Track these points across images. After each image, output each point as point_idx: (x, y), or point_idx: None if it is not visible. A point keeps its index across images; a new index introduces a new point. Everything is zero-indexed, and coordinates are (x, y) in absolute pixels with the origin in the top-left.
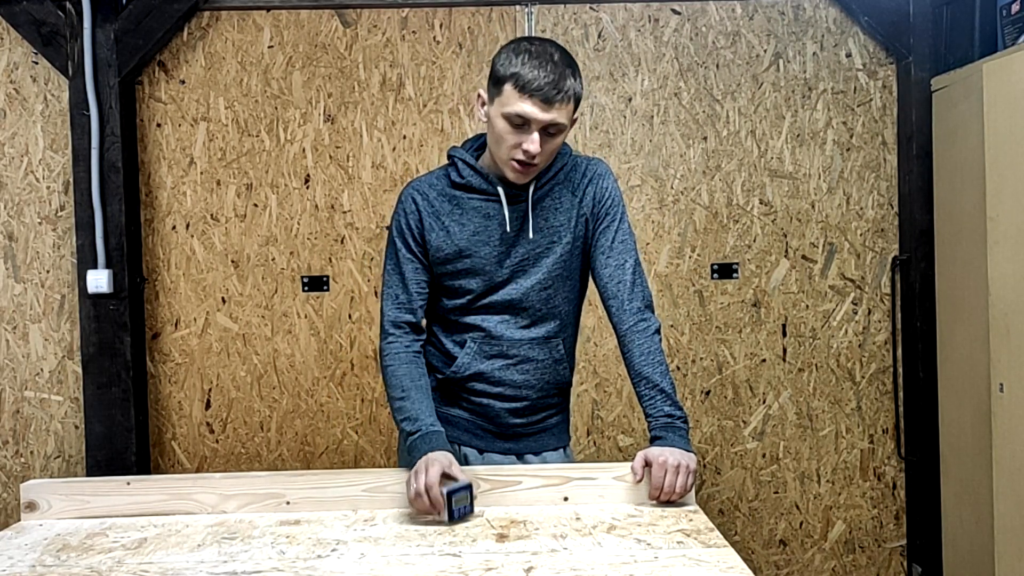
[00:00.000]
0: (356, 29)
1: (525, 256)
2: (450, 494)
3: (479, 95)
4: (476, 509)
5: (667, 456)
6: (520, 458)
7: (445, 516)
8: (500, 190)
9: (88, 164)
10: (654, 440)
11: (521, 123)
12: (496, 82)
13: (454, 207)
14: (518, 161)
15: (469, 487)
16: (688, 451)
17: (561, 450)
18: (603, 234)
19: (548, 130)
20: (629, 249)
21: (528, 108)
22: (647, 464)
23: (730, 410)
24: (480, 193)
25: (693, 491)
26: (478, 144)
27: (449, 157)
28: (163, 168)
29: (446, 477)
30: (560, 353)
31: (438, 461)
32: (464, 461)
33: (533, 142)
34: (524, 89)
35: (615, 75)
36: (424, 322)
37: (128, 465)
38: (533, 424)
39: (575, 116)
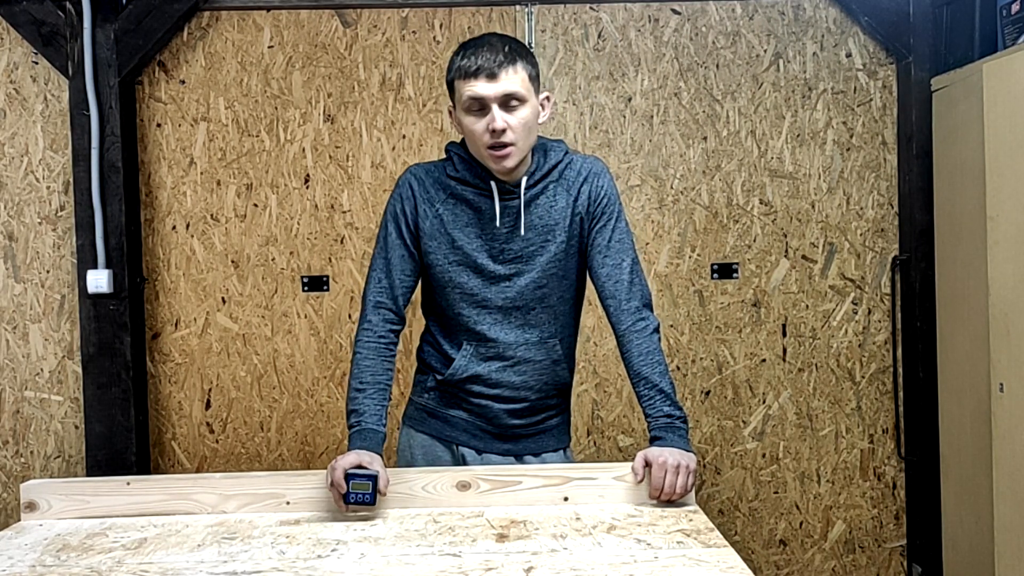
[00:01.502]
0: (356, 29)
1: (519, 254)
2: (348, 477)
3: (450, 111)
4: (476, 509)
5: (667, 456)
6: (519, 459)
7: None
8: (493, 185)
9: (88, 164)
10: (654, 440)
11: (479, 107)
12: (449, 88)
13: (448, 196)
14: (492, 146)
15: (373, 478)
16: (688, 451)
17: (561, 451)
18: (600, 233)
19: (508, 104)
20: (626, 248)
21: (475, 88)
22: (647, 464)
23: (730, 410)
24: (473, 187)
25: (693, 491)
26: None
27: (446, 151)
28: (163, 168)
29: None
30: (558, 354)
31: (355, 453)
32: (462, 461)
33: (494, 118)
34: (467, 74)
35: (615, 75)
36: (404, 309)
37: (128, 465)
38: (533, 425)
39: (543, 95)
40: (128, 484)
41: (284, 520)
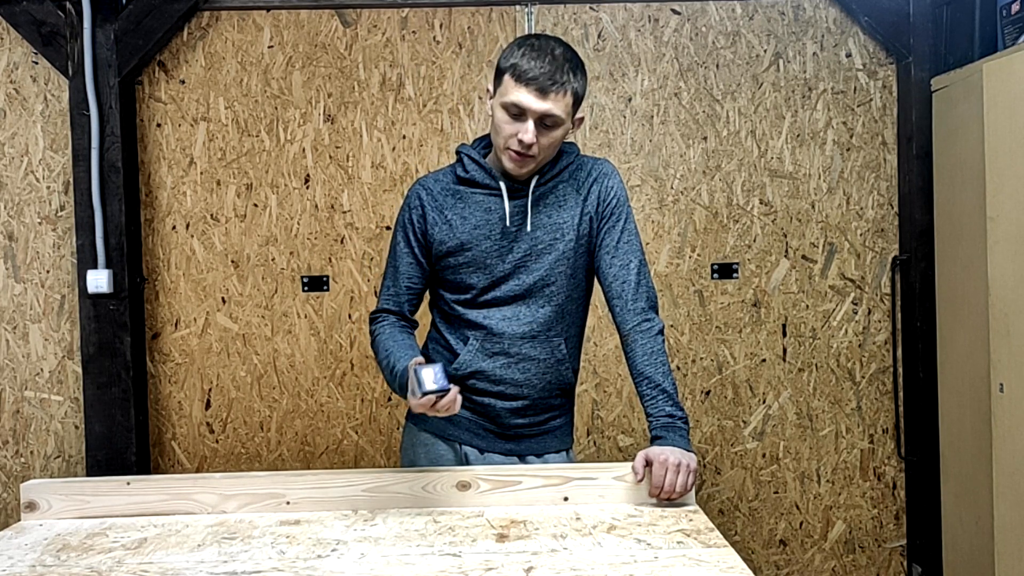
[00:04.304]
0: (356, 29)
1: (527, 252)
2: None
3: (488, 89)
4: (476, 509)
5: (668, 455)
6: (522, 459)
7: (431, 385)
8: (502, 184)
9: (88, 164)
10: (655, 440)
11: (517, 113)
12: (497, 73)
13: (457, 201)
14: (514, 151)
15: (441, 365)
16: (688, 451)
17: (564, 453)
18: (608, 234)
19: (544, 121)
20: (634, 249)
21: (523, 97)
22: (648, 463)
23: (730, 410)
24: (483, 188)
25: (693, 491)
26: (486, 142)
27: (457, 153)
28: (163, 168)
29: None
30: (562, 353)
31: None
32: (465, 460)
33: (527, 131)
34: (520, 79)
35: (615, 75)
36: (413, 316)
37: (128, 465)
38: (536, 425)
39: (578, 116)
40: (128, 484)
41: (284, 520)
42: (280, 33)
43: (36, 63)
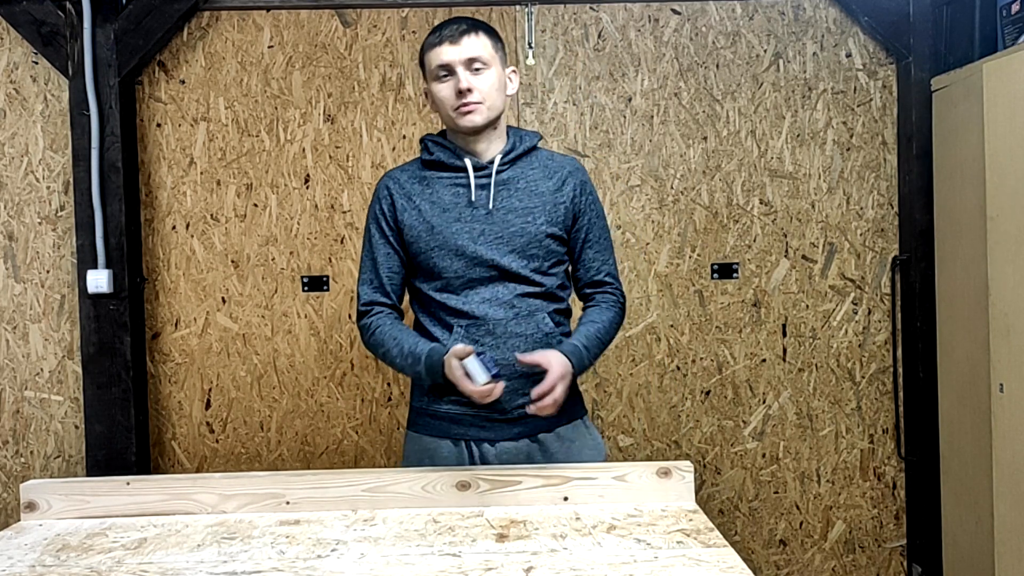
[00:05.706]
0: (356, 29)
1: (499, 234)
2: (478, 355)
3: (425, 93)
4: (475, 509)
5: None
6: (533, 439)
7: (486, 376)
8: (467, 161)
9: (88, 164)
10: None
11: (446, 73)
12: (421, 65)
13: (424, 187)
14: (459, 105)
15: (481, 357)
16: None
17: (578, 421)
18: (588, 229)
19: (472, 67)
20: (609, 245)
21: (441, 53)
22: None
23: (730, 410)
24: (449, 169)
25: (693, 491)
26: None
27: (421, 142)
28: (163, 168)
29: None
30: (548, 326)
31: (445, 358)
32: (476, 456)
33: (461, 80)
34: (432, 45)
35: (615, 75)
36: (399, 305)
37: (128, 465)
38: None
39: (509, 70)
40: (128, 484)
41: (284, 520)
42: (280, 33)
43: (36, 63)
